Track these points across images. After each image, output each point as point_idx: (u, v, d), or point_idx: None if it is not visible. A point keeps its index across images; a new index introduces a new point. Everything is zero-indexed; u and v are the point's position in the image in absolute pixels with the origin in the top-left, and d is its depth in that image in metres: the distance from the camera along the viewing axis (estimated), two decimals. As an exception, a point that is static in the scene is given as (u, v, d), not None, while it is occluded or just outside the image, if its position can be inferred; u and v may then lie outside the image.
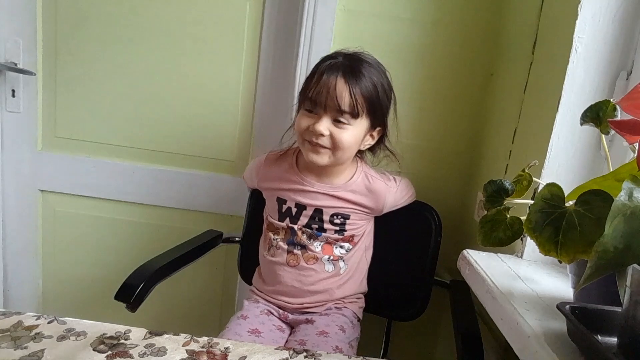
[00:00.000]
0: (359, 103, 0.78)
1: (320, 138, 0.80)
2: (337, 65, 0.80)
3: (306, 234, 0.89)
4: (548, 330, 0.49)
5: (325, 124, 0.79)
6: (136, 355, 0.51)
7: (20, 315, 0.56)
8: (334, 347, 0.80)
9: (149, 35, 1.15)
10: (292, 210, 0.89)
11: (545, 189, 0.48)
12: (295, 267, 0.89)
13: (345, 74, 0.78)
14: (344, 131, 0.80)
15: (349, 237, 0.89)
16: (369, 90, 0.79)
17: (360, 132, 0.82)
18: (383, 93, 0.82)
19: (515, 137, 0.88)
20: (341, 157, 0.83)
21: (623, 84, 0.72)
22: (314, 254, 0.88)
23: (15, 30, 1.16)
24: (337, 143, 0.80)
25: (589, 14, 0.70)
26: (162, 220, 1.25)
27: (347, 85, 0.77)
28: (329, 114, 0.79)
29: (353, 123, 0.80)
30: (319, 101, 0.79)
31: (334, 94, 0.77)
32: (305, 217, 0.88)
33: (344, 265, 0.90)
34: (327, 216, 0.88)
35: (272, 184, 0.92)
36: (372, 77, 0.80)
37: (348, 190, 0.88)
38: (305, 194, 0.88)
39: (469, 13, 1.05)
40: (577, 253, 0.44)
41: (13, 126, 1.22)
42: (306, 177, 0.88)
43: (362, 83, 0.78)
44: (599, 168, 0.74)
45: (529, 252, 0.77)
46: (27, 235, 1.28)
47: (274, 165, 0.93)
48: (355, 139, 0.82)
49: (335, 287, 0.90)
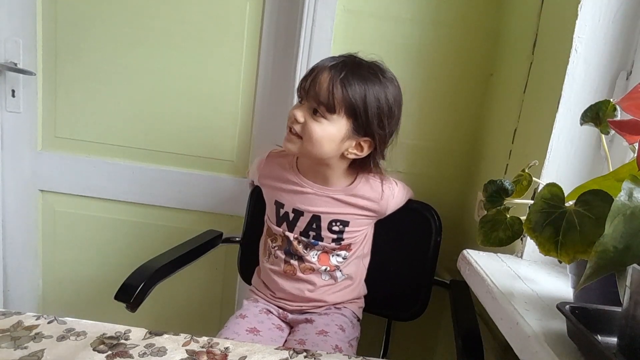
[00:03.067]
0: (337, 99, 0.76)
1: (294, 124, 0.79)
2: (334, 61, 0.80)
3: (302, 244, 0.88)
4: (548, 330, 0.49)
5: (301, 110, 0.79)
6: (136, 355, 0.51)
7: (20, 315, 0.56)
8: (334, 347, 0.80)
9: (149, 35, 1.15)
10: (289, 215, 0.88)
11: (545, 189, 0.48)
12: (292, 276, 0.89)
13: (333, 69, 0.77)
14: (317, 124, 0.78)
15: (346, 245, 0.89)
16: (354, 93, 0.76)
17: (337, 132, 0.78)
18: (376, 103, 0.78)
19: (515, 137, 0.88)
20: (310, 151, 0.79)
21: (623, 84, 0.72)
22: (310, 264, 0.88)
23: (15, 30, 1.16)
24: (307, 133, 0.78)
25: (589, 14, 0.70)
26: (162, 220, 1.26)
27: (329, 79, 0.76)
28: (308, 103, 0.79)
29: (329, 118, 0.77)
30: (302, 88, 0.80)
31: (316, 83, 0.77)
32: (302, 223, 0.87)
33: (341, 275, 0.90)
34: (325, 223, 0.86)
35: (272, 182, 0.91)
36: (370, 84, 0.77)
37: (349, 194, 0.87)
38: (303, 196, 0.87)
39: (469, 13, 1.05)
40: (577, 253, 0.44)
41: (13, 126, 1.22)
42: (305, 179, 0.87)
43: (349, 82, 0.76)
44: (599, 168, 0.74)
45: (529, 252, 0.77)
46: (27, 235, 1.28)
47: (275, 163, 0.92)
48: (329, 136, 0.78)
49: (332, 295, 0.90)
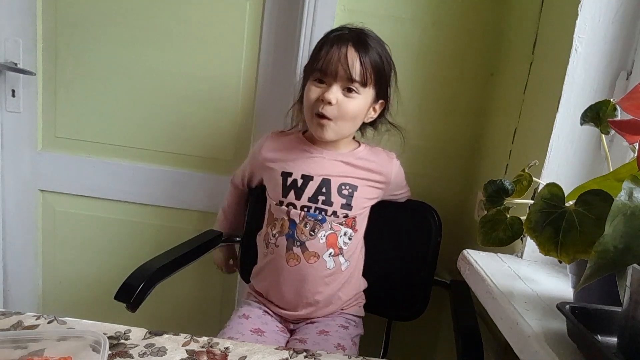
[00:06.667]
0: (368, 71, 0.80)
1: (328, 107, 0.80)
2: (345, 36, 0.82)
3: (309, 225, 0.85)
4: (548, 330, 0.49)
5: (335, 92, 0.80)
6: (136, 355, 0.51)
7: (20, 315, 0.56)
8: (336, 345, 0.80)
9: (149, 35, 1.15)
10: (298, 182, 0.86)
11: (545, 189, 0.48)
12: (296, 266, 0.85)
13: (355, 44, 0.80)
14: (351, 100, 0.81)
15: (352, 220, 0.87)
16: (377, 60, 0.82)
17: (366, 103, 0.84)
18: (387, 64, 0.85)
19: (515, 137, 0.88)
20: (346, 128, 0.84)
21: (623, 84, 0.72)
22: (315, 250, 0.84)
23: (15, 30, 1.16)
24: (343, 112, 0.81)
25: (589, 14, 0.70)
26: (162, 220, 1.25)
27: (357, 54, 0.80)
28: (339, 83, 0.81)
29: (362, 92, 0.82)
30: (329, 70, 0.80)
31: (345, 62, 0.79)
32: (311, 189, 0.85)
33: (345, 261, 0.87)
34: (334, 186, 0.86)
35: (278, 155, 0.90)
36: (378, 48, 0.83)
37: (356, 157, 0.89)
38: (312, 161, 0.87)
39: (469, 13, 1.05)
40: (577, 253, 0.44)
41: (13, 126, 1.22)
42: (314, 146, 0.89)
43: (370, 53, 0.81)
44: (599, 168, 0.74)
45: (529, 252, 0.77)
46: (27, 235, 1.28)
47: (280, 139, 0.93)
48: (361, 109, 0.84)
49: (338, 290, 0.87)
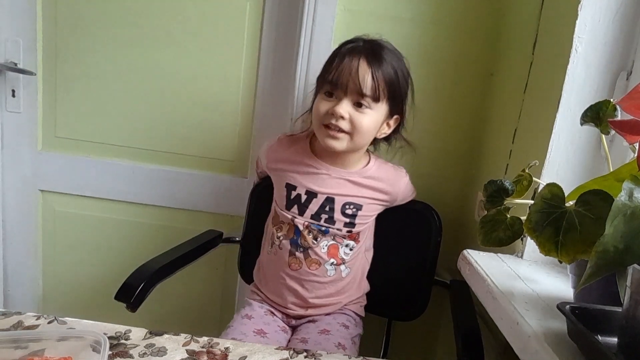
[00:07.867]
0: (381, 87, 0.78)
1: (340, 121, 0.78)
2: (359, 48, 0.79)
3: (312, 233, 0.85)
4: (548, 330, 0.49)
5: (345, 106, 0.78)
6: (136, 355, 0.51)
7: (20, 315, 0.56)
8: (336, 344, 0.80)
9: (149, 35, 1.15)
10: (302, 197, 0.85)
11: (545, 189, 0.48)
12: (297, 271, 0.85)
13: (368, 57, 0.77)
14: (364, 115, 0.79)
15: (355, 234, 0.87)
16: (390, 75, 0.79)
17: (379, 118, 0.82)
18: (403, 79, 0.82)
19: (515, 137, 0.88)
20: (359, 143, 0.82)
21: (623, 84, 0.72)
22: (317, 258, 0.85)
23: (15, 30, 1.16)
24: (356, 127, 0.79)
25: (589, 14, 0.70)
26: (162, 220, 1.25)
27: (369, 68, 0.77)
28: (349, 97, 0.78)
29: (374, 107, 0.79)
30: (340, 83, 0.78)
31: (356, 76, 0.76)
32: (315, 206, 0.84)
33: (346, 269, 0.88)
34: (338, 205, 0.85)
35: (283, 165, 0.89)
36: (393, 62, 0.80)
37: (364, 177, 0.86)
38: (317, 178, 0.85)
39: (469, 13, 1.05)
40: (577, 253, 0.44)
41: (13, 126, 1.22)
42: (320, 161, 0.86)
43: (383, 67, 0.78)
44: (599, 168, 0.74)
45: (529, 252, 0.77)
46: (27, 235, 1.28)
47: (287, 146, 0.91)
48: (374, 124, 0.81)
49: (337, 294, 0.88)
